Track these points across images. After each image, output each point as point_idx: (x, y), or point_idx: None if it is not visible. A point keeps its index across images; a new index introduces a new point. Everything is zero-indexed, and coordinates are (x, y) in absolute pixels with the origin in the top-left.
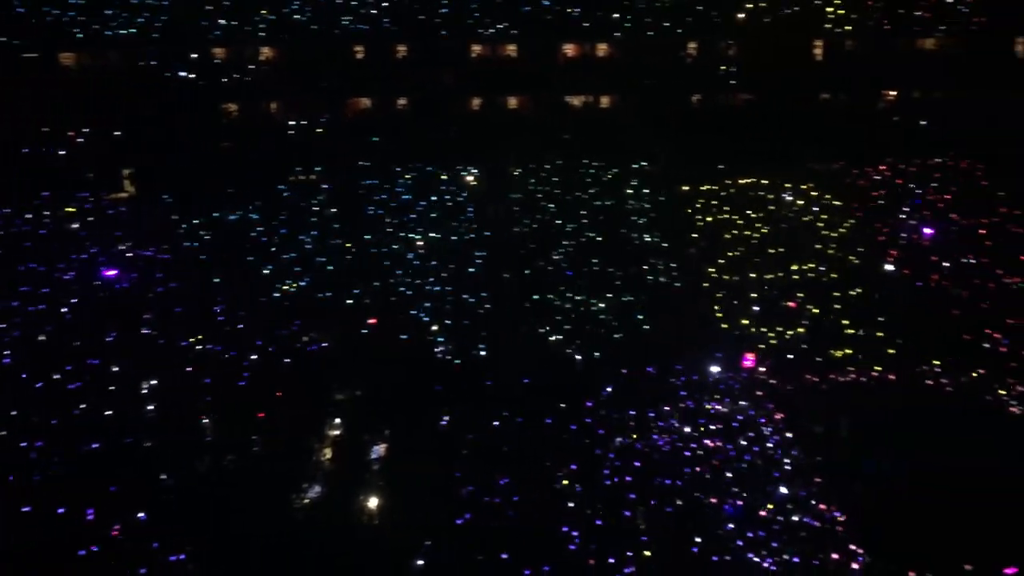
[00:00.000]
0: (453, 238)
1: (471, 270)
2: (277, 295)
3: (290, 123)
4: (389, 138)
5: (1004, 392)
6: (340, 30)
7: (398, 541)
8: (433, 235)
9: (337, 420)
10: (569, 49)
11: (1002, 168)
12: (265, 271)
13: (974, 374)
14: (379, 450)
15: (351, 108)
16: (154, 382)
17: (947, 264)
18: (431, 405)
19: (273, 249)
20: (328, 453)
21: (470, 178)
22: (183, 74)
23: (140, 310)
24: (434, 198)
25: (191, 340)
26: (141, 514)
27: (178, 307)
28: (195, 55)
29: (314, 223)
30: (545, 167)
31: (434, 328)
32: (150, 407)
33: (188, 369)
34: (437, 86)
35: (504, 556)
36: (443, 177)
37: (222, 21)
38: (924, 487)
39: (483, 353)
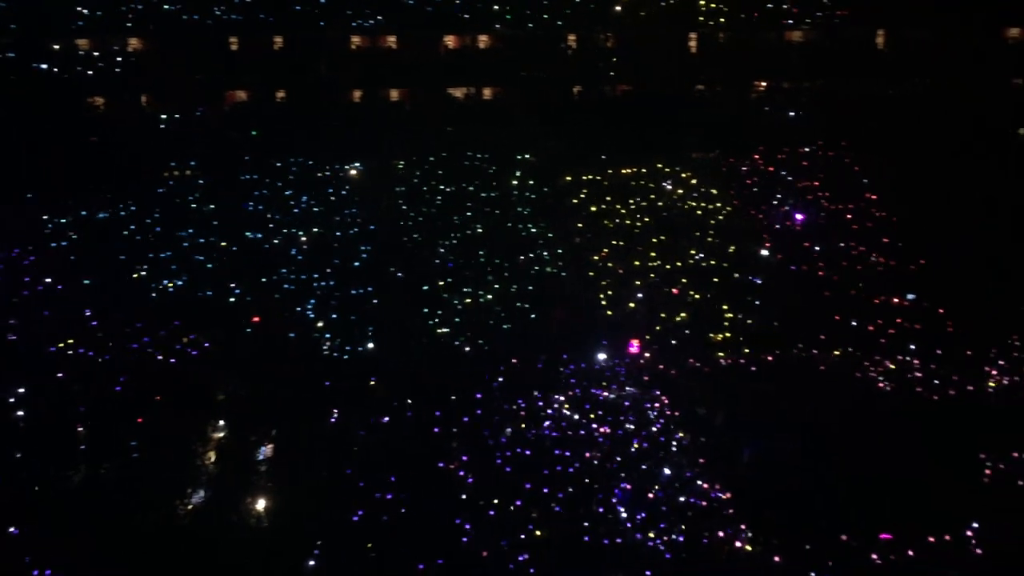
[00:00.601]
0: (337, 233)
1: (356, 264)
2: (154, 296)
3: (163, 117)
4: (268, 132)
5: (873, 369)
6: (213, 20)
7: (289, 543)
8: (317, 230)
9: (221, 422)
10: (450, 41)
11: (867, 156)
12: (141, 271)
13: (845, 352)
14: (265, 451)
15: (228, 101)
16: (22, 390)
17: (818, 248)
18: (318, 402)
19: (148, 248)
20: (212, 456)
21: (353, 172)
22: (45, 67)
23: (5, 315)
24: (316, 192)
25: (61, 345)
26: (12, 528)
27: (46, 311)
28: (58, 47)
29: (191, 220)
30: (429, 159)
31: (319, 325)
32: (19, 414)
33: (59, 375)
34: (316, 78)
35: (398, 551)
36: (325, 171)
37: (85, 11)
38: (802, 463)
39: (371, 347)
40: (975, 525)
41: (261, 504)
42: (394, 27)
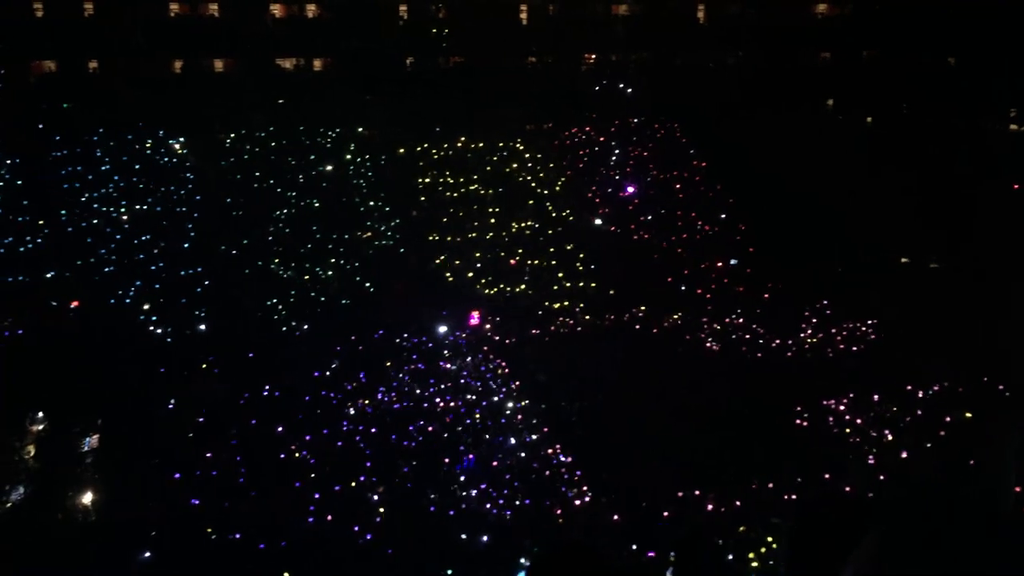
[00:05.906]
0: (160, 209)
1: (185, 244)
2: None
3: None
4: (80, 104)
5: (701, 331)
6: None
7: (120, 536)
8: (138, 207)
9: (40, 414)
10: (277, 9)
11: (692, 126)
12: None
13: (675, 316)
14: (91, 441)
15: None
16: None
17: (649, 216)
18: (150, 389)
19: None
20: (32, 450)
21: (177, 145)
22: None
23: None
24: (137, 167)
25: None
26: None
27: None
28: None
29: None
30: (259, 133)
31: (146, 307)
32: None
33: None
34: (131, 47)
35: (236, 536)
36: (146, 144)
37: None
38: (636, 422)
39: (202, 328)
40: (792, 471)
41: (87, 498)
42: None
